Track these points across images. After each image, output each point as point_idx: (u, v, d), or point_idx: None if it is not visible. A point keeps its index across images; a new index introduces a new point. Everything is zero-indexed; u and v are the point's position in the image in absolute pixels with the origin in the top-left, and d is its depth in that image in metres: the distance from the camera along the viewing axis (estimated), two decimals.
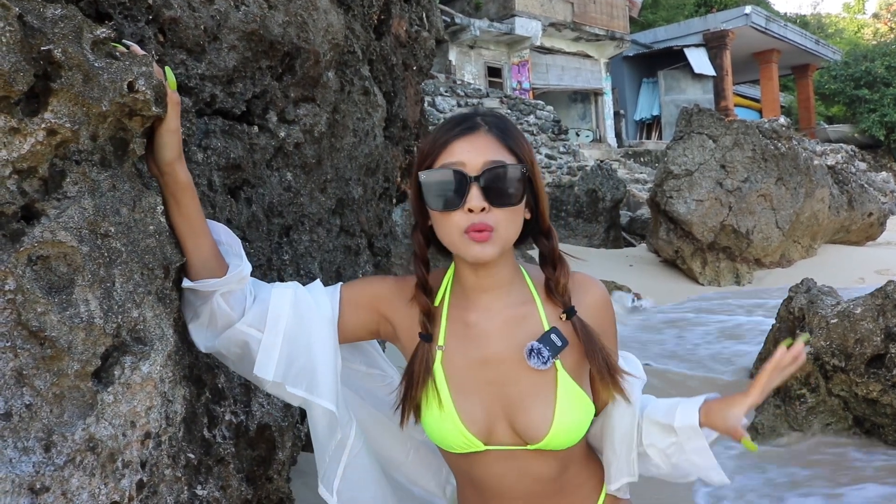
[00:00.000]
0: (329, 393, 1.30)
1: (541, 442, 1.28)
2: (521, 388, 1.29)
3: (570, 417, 1.28)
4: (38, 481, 0.93)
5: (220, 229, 1.31)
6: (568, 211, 12.37)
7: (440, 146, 1.25)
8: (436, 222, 1.27)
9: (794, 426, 4.07)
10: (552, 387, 1.28)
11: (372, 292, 1.39)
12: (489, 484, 1.34)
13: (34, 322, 0.95)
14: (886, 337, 3.79)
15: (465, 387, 1.30)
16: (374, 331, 1.41)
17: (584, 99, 25.61)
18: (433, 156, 1.25)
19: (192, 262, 1.23)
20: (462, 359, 1.32)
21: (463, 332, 1.33)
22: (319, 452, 1.36)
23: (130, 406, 1.06)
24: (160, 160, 1.18)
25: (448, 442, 1.31)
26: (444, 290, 1.38)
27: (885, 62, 28.61)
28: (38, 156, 0.98)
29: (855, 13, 50.16)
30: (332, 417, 1.32)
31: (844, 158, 13.59)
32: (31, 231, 0.96)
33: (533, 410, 1.28)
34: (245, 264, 1.27)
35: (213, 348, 1.28)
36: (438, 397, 1.30)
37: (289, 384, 1.27)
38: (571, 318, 1.32)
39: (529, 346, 1.28)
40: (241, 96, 1.75)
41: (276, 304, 1.28)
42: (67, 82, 0.99)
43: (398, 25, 3.14)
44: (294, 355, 1.28)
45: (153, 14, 1.44)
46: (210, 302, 1.24)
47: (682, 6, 34.04)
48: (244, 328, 1.26)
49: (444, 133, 1.26)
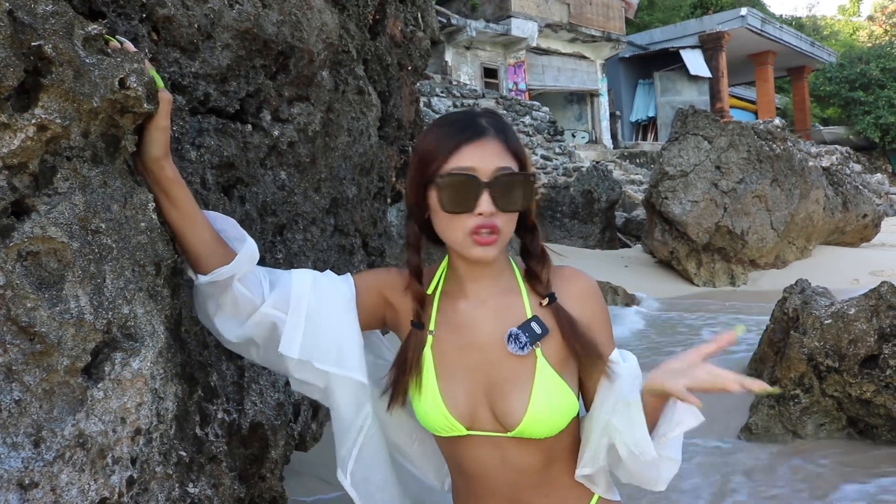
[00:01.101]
0: (357, 366, 1.35)
1: (517, 428, 1.31)
2: (502, 373, 1.33)
3: (546, 404, 1.30)
4: (27, 477, 0.93)
5: (214, 216, 1.34)
6: (563, 212, 12.38)
7: (450, 149, 1.29)
8: (442, 221, 1.31)
9: (787, 427, 4.08)
10: (531, 373, 1.32)
11: (379, 280, 1.45)
12: (474, 471, 1.38)
13: (24, 318, 0.95)
14: (880, 338, 3.80)
15: (452, 371, 1.35)
16: (382, 318, 1.46)
17: (580, 100, 25.63)
18: (442, 158, 1.29)
19: (199, 254, 1.26)
20: (450, 344, 1.37)
21: (453, 319, 1.38)
22: (342, 433, 1.40)
23: (121, 402, 1.06)
24: (147, 157, 1.20)
25: (432, 424, 1.35)
26: (438, 279, 1.43)
27: (880, 64, 28.73)
28: (28, 151, 0.98)
29: (850, 15, 50.34)
30: (361, 391, 1.37)
31: (839, 160, 13.62)
32: (21, 226, 0.96)
33: (510, 396, 1.32)
34: (250, 241, 1.31)
35: (244, 335, 1.32)
36: (426, 383, 1.35)
37: (315, 360, 1.31)
38: (552, 304, 1.36)
39: (509, 332, 1.33)
40: (235, 95, 1.75)
41: (297, 287, 1.33)
42: (58, 78, 0.99)
43: (393, 25, 3.14)
44: (318, 334, 1.32)
45: (147, 12, 1.44)
46: (230, 290, 1.28)
47: (678, 8, 34.11)
48: (269, 310, 1.30)
49: (451, 136, 1.30)
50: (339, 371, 1.34)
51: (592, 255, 11.02)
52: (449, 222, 1.29)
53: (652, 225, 9.95)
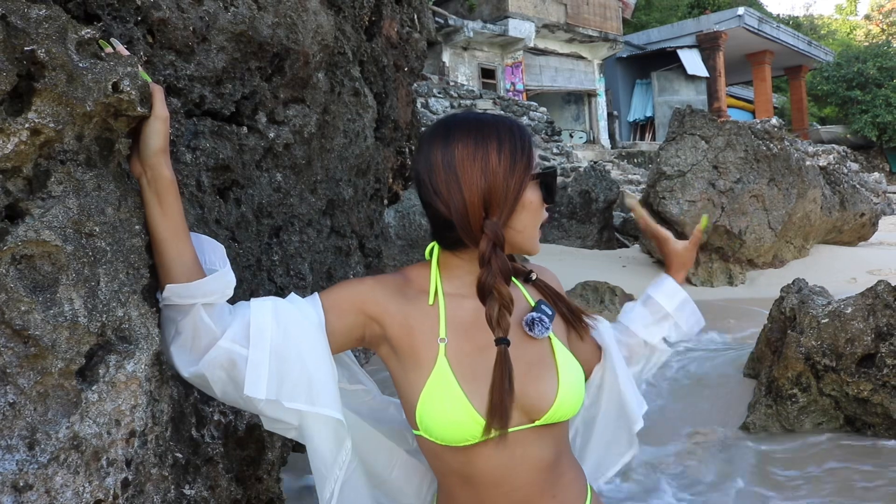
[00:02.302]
0: (331, 401, 1.25)
1: (549, 411, 1.32)
2: (524, 361, 1.34)
3: (575, 380, 1.37)
4: (22, 479, 0.93)
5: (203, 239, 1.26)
6: (561, 212, 12.39)
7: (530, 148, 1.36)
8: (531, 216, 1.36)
9: (785, 425, 4.08)
10: (551, 354, 1.38)
11: (353, 295, 1.34)
12: (487, 477, 1.31)
13: (18, 321, 0.95)
14: (877, 336, 3.80)
15: (472, 374, 1.29)
16: (360, 336, 1.35)
17: (577, 100, 25.67)
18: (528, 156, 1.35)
19: (174, 270, 1.17)
20: (465, 347, 1.32)
21: (462, 320, 1.35)
22: (321, 472, 1.30)
23: (115, 405, 1.06)
24: (146, 152, 1.14)
25: (460, 434, 1.27)
26: (434, 286, 1.38)
27: (877, 63, 28.76)
28: (22, 155, 0.98)
29: (847, 15, 50.41)
30: (338, 427, 1.28)
31: (836, 159, 13.63)
32: (14, 230, 0.97)
33: (539, 380, 1.34)
34: (228, 271, 1.22)
35: (197, 373, 1.19)
36: (447, 390, 1.27)
37: (285, 399, 1.21)
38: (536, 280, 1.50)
39: (529, 318, 1.37)
40: (231, 97, 1.75)
41: (256, 317, 1.21)
42: (51, 82, 0.99)
43: (389, 27, 3.14)
44: (285, 369, 1.21)
45: (142, 15, 1.45)
46: (191, 315, 1.17)
47: (675, 8, 34.16)
48: (228, 345, 1.18)
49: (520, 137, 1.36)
50: (311, 409, 1.23)
51: (590, 255, 11.02)
52: (536, 216, 1.37)
53: None
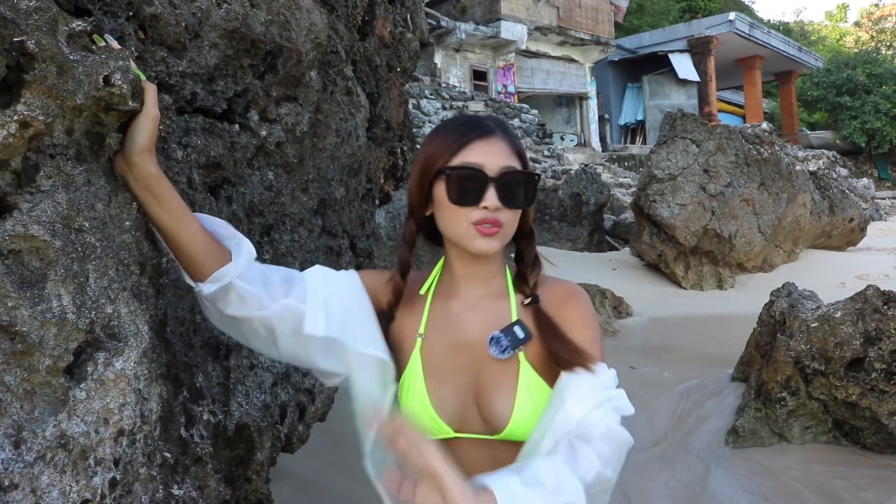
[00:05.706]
0: (382, 347, 1.36)
1: (504, 431, 1.31)
2: (489, 375, 1.34)
3: (531, 407, 1.31)
4: (7, 478, 0.92)
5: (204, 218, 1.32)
6: (552, 214, 12.40)
7: (459, 145, 1.32)
8: (447, 213, 1.34)
9: (774, 429, 4.09)
10: (515, 376, 1.33)
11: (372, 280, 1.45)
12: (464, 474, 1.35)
13: (4, 316, 0.93)
14: (865, 341, 3.82)
15: (440, 373, 1.36)
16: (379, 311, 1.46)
17: (568, 103, 25.71)
18: (450, 153, 1.32)
19: (194, 256, 1.24)
20: (439, 344, 1.38)
21: (443, 319, 1.39)
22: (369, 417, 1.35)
23: (103, 403, 1.05)
24: (132, 149, 1.15)
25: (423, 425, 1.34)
26: (432, 281, 1.44)
27: (867, 70, 28.95)
28: (10, 148, 0.96)
29: (837, 21, 50.75)
30: (386, 370, 1.36)
31: (826, 164, 13.72)
32: (2, 224, 0.95)
33: (496, 398, 1.33)
34: (244, 240, 1.31)
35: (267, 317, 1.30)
36: (414, 384, 1.35)
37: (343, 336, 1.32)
38: (535, 305, 1.36)
39: (491, 336, 1.34)
40: (223, 94, 1.74)
41: (311, 279, 1.35)
42: (41, 74, 0.97)
43: (382, 26, 3.13)
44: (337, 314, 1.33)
45: (133, 10, 1.43)
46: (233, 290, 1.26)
47: (666, 12, 34.29)
48: (291, 302, 1.30)
49: (461, 134, 1.34)
50: (365, 350, 1.33)
51: (581, 257, 11.04)
52: (454, 215, 1.32)
53: (640, 228, 9.97)
